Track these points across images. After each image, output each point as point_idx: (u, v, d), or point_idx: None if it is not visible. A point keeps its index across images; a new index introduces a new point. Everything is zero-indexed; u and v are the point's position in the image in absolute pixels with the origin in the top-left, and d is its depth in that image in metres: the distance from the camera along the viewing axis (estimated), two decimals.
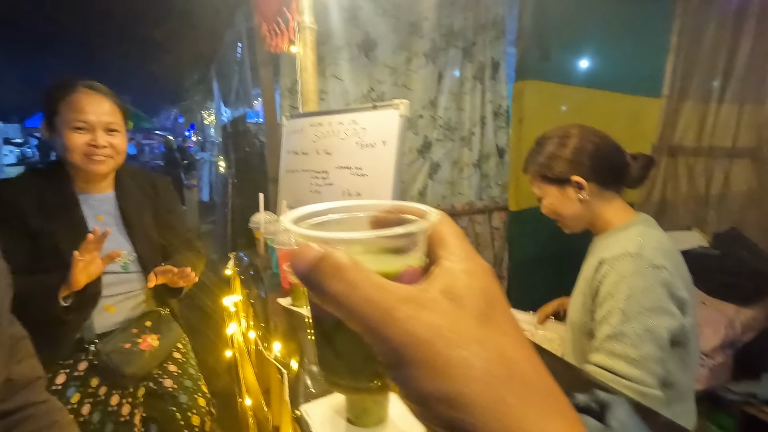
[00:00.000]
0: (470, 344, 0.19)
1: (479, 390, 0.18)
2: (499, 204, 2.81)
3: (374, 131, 1.14)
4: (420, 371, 0.18)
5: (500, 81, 2.73)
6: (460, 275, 0.21)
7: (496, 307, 0.20)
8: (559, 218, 1.12)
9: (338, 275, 0.20)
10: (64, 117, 1.13)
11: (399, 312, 0.19)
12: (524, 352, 0.20)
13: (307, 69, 1.48)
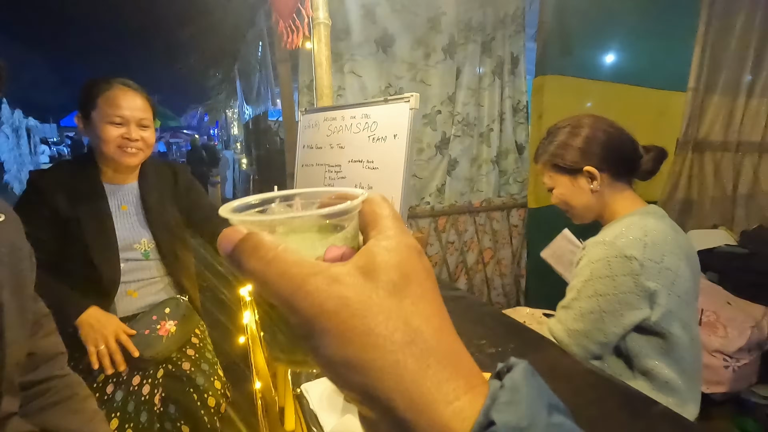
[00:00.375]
0: (374, 314, 0.20)
1: (378, 355, 0.19)
2: (517, 201, 2.77)
3: (385, 125, 1.15)
4: (328, 340, 0.20)
5: (519, 76, 2.70)
6: (380, 251, 0.22)
7: (411, 281, 0.22)
8: (569, 209, 1.12)
9: (256, 253, 0.21)
10: (102, 111, 1.20)
11: (309, 285, 0.20)
12: (431, 322, 0.21)
13: (322, 65, 1.51)
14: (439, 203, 2.61)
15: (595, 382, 0.63)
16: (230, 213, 0.24)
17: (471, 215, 2.67)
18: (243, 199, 0.27)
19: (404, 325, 0.20)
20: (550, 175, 1.12)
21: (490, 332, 0.80)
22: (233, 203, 0.26)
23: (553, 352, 0.74)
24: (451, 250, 2.65)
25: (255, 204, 0.28)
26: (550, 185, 1.13)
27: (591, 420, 0.54)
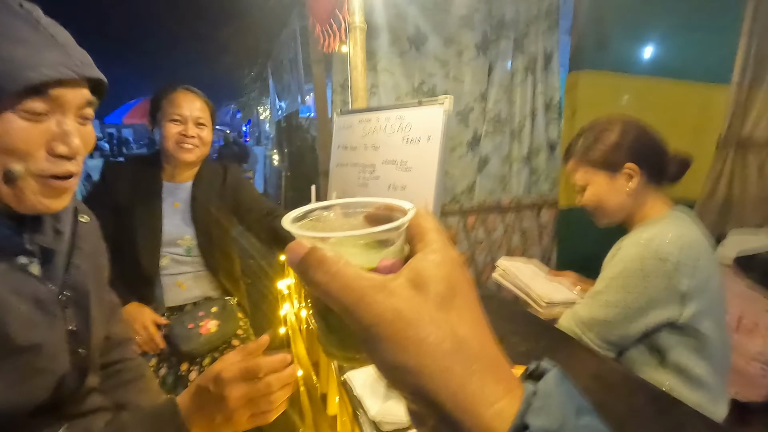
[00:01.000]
0: (426, 324, 0.23)
1: (429, 361, 0.22)
2: (548, 200, 2.74)
3: (419, 127, 1.18)
4: (385, 345, 0.23)
5: (553, 72, 2.66)
6: (428, 265, 0.25)
7: (456, 293, 0.24)
8: (599, 209, 1.11)
9: (321, 267, 0.24)
10: (165, 111, 1.33)
11: (369, 297, 0.23)
12: (474, 331, 0.24)
13: (357, 67, 1.55)
14: (469, 201, 2.61)
15: (621, 380, 0.64)
16: (292, 225, 0.27)
17: (500, 214, 2.66)
18: (300, 209, 0.30)
19: (452, 335, 0.23)
20: (586, 171, 1.11)
21: (521, 330, 0.83)
22: (292, 213, 0.29)
23: (582, 351, 0.76)
24: (480, 248, 2.66)
25: (311, 211, 0.31)
26: (584, 183, 1.12)
27: (617, 417, 0.56)
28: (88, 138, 0.64)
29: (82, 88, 0.61)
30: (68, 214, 0.70)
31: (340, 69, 2.23)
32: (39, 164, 0.57)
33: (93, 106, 0.64)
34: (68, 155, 0.59)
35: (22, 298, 0.57)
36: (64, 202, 0.62)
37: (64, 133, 0.58)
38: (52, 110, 0.58)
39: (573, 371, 0.72)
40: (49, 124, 0.58)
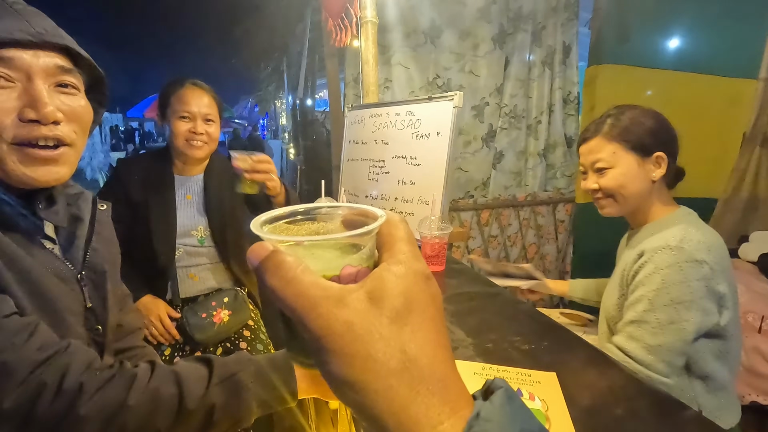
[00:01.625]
0: (375, 341, 0.22)
1: (374, 378, 0.22)
2: (564, 195, 2.70)
3: (429, 122, 1.18)
4: (333, 359, 0.22)
5: (571, 66, 2.60)
6: (389, 277, 0.24)
7: (413, 309, 0.23)
8: (619, 193, 1.03)
9: (277, 272, 0.24)
10: (174, 108, 1.34)
11: (321, 308, 0.23)
12: (425, 350, 0.23)
13: (369, 62, 1.54)
14: (483, 196, 2.59)
15: (625, 382, 0.63)
16: (259, 228, 0.27)
17: (515, 209, 2.63)
18: (272, 212, 0.29)
19: (400, 353, 0.22)
20: (615, 151, 1.02)
21: (525, 329, 0.82)
22: (262, 216, 0.29)
23: (585, 351, 0.75)
24: (494, 244, 2.63)
25: (284, 216, 0.30)
26: (610, 163, 1.02)
27: (617, 419, 0.55)
28: (76, 109, 0.63)
29: (49, 54, 0.60)
30: (87, 202, 0.74)
31: (353, 63, 2.23)
32: (10, 130, 0.57)
33: (71, 73, 0.63)
34: (38, 119, 0.58)
35: (47, 270, 0.62)
36: (52, 174, 0.61)
37: (31, 98, 0.58)
38: (17, 76, 0.58)
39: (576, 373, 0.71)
40: (17, 92, 0.58)
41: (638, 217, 1.07)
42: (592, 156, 1.06)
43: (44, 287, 0.60)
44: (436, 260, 1.15)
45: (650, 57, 2.44)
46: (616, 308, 1.03)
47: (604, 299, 1.10)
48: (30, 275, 0.58)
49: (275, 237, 0.26)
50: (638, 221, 1.07)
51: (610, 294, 1.07)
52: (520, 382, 0.67)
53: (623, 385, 0.63)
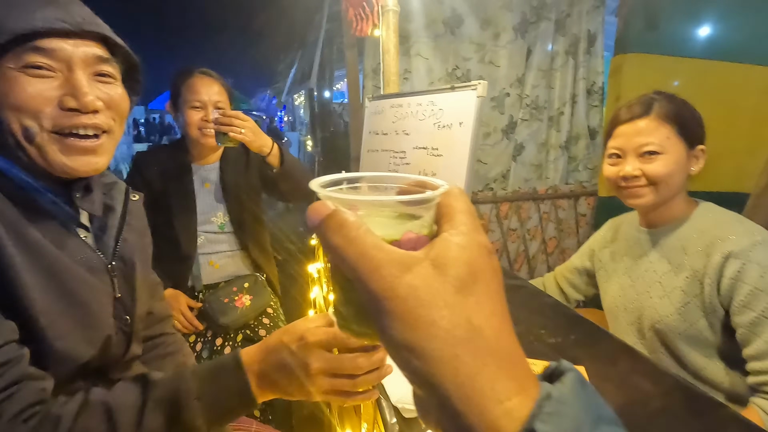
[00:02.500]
0: (440, 307, 0.21)
1: (438, 346, 0.21)
2: (587, 189, 2.64)
3: (451, 112, 1.16)
4: (394, 322, 0.22)
5: (596, 55, 2.53)
6: (452, 247, 0.23)
7: (478, 280, 0.23)
8: (663, 183, 0.95)
9: (340, 231, 0.23)
10: (185, 97, 1.36)
11: (384, 270, 0.22)
12: (492, 322, 0.22)
13: (389, 51, 1.53)
14: (503, 189, 2.55)
15: (658, 377, 0.61)
16: (319, 187, 0.27)
17: (535, 202, 2.59)
18: (332, 176, 0.29)
19: (466, 322, 0.21)
20: (669, 135, 0.94)
21: (551, 322, 0.80)
22: (323, 178, 0.28)
23: (614, 346, 0.73)
24: (513, 237, 2.60)
25: (342, 180, 0.29)
26: (662, 149, 0.94)
27: (650, 415, 0.54)
28: (114, 97, 0.64)
29: (88, 44, 0.61)
30: (120, 193, 0.75)
31: (372, 54, 2.21)
32: (50, 119, 0.58)
33: (109, 63, 0.64)
34: (78, 108, 0.59)
35: (76, 262, 0.62)
36: (91, 164, 0.63)
37: (72, 87, 0.59)
38: (58, 66, 0.59)
39: (605, 367, 0.70)
40: (58, 81, 0.59)
41: (662, 213, 1.00)
42: (640, 138, 0.95)
43: (71, 278, 0.60)
44: None
45: (680, 45, 2.35)
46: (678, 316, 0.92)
47: (649, 308, 0.99)
48: (55, 266, 0.59)
49: (337, 195, 0.25)
50: (661, 217, 1.00)
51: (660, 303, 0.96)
52: None
53: (656, 380, 0.61)
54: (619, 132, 1.00)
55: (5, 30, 0.54)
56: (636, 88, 2.27)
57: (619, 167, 0.99)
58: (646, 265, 1.02)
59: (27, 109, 0.56)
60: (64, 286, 0.59)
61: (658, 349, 0.97)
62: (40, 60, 0.57)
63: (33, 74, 0.56)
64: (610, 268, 1.14)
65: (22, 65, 0.56)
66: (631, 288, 1.04)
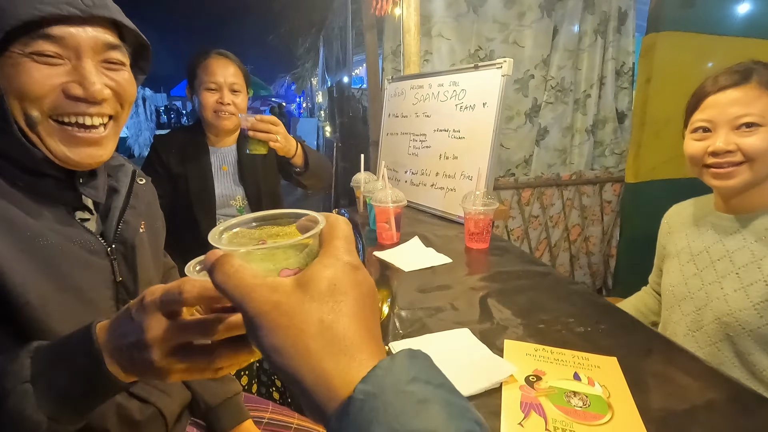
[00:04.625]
0: (297, 313, 0.27)
1: (293, 342, 0.26)
2: (613, 175, 2.55)
3: (474, 93, 1.11)
4: (263, 332, 0.27)
5: (626, 34, 2.41)
6: (318, 268, 0.29)
7: (336, 291, 0.28)
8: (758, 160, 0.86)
9: (222, 269, 0.29)
10: (200, 79, 1.35)
11: (255, 293, 0.28)
12: (344, 320, 0.27)
13: (410, 30, 1.48)
14: (525, 175, 2.49)
15: (698, 371, 0.57)
16: (215, 237, 0.33)
17: (559, 188, 2.51)
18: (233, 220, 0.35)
19: (318, 322, 0.27)
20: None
21: (579, 311, 0.77)
22: (220, 227, 0.34)
23: (648, 336, 0.69)
24: (535, 224, 2.54)
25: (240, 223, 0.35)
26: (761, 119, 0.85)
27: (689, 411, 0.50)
28: (122, 84, 0.62)
29: (97, 30, 0.59)
30: (126, 176, 0.74)
31: (392, 35, 2.16)
32: (54, 105, 0.57)
33: (118, 50, 0.62)
34: (84, 97, 0.57)
35: (75, 245, 0.61)
36: (93, 157, 0.61)
37: (80, 76, 0.57)
38: (66, 54, 0.57)
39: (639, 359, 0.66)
40: (65, 68, 0.57)
41: (752, 197, 0.89)
42: (737, 109, 0.85)
43: (66, 262, 0.59)
44: (480, 237, 1.11)
45: (716, 23, 2.22)
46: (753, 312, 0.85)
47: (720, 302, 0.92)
48: (50, 251, 0.57)
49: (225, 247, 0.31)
50: (750, 202, 0.90)
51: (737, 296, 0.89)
52: (576, 365, 0.62)
53: (697, 374, 0.58)
54: (709, 103, 0.89)
55: (12, 15, 0.52)
56: (668, 67, 2.16)
57: (707, 142, 0.88)
58: (721, 254, 0.93)
59: (30, 95, 0.55)
60: (59, 269, 0.58)
61: (714, 342, 0.91)
62: (48, 48, 0.55)
63: (40, 60, 0.55)
64: (674, 253, 1.06)
65: (30, 51, 0.54)
66: (695, 277, 0.97)
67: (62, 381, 0.44)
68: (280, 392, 1.24)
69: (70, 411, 0.45)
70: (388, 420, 0.23)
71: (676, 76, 2.16)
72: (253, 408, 0.87)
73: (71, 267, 0.59)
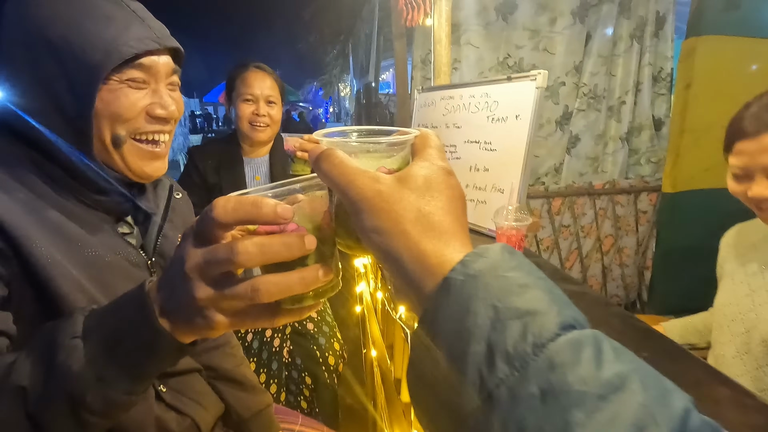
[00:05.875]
0: (396, 201, 0.30)
1: (393, 224, 0.29)
2: (649, 184, 2.46)
3: (507, 105, 1.10)
4: (365, 215, 0.30)
5: (665, 39, 2.33)
6: (414, 168, 0.32)
7: (432, 187, 0.31)
8: None
9: (328, 159, 0.32)
10: (238, 91, 1.40)
11: (358, 180, 0.31)
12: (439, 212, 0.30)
13: (441, 41, 1.47)
14: (555, 183, 2.43)
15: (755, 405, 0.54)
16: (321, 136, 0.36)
17: (591, 198, 2.44)
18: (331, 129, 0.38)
19: (416, 210, 0.30)
20: None
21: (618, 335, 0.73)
22: (324, 130, 0.37)
23: (695, 365, 0.65)
24: (565, 234, 2.48)
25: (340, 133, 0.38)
26: None
27: None
28: (179, 103, 0.69)
29: (167, 57, 0.66)
30: (164, 189, 0.77)
31: (421, 44, 2.16)
32: (138, 126, 0.64)
33: (177, 73, 0.69)
34: (165, 117, 0.65)
35: (119, 257, 0.64)
36: (159, 169, 0.68)
37: (160, 98, 0.65)
38: (149, 79, 0.64)
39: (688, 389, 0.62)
40: (147, 92, 0.64)
41: None
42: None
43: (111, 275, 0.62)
44: None
45: (763, 25, 2.11)
46: None
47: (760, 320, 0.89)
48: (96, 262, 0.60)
49: (328, 139, 0.35)
50: None
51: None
52: None
53: (747, 409, 0.54)
54: (740, 148, 0.85)
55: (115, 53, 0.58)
56: (710, 73, 2.07)
57: (745, 186, 0.85)
58: None
59: (123, 117, 0.62)
60: (105, 280, 0.61)
61: (761, 366, 0.88)
62: (138, 75, 0.62)
63: (133, 86, 0.62)
64: (729, 273, 1.03)
65: (126, 79, 0.61)
66: (746, 298, 0.94)
67: (111, 335, 0.41)
68: (307, 401, 1.25)
69: (118, 370, 0.41)
70: (489, 297, 0.25)
71: (717, 81, 2.07)
72: (282, 420, 0.89)
73: (116, 278, 0.62)
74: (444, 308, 0.26)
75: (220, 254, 0.35)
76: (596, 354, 0.22)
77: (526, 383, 0.22)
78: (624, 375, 0.21)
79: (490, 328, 0.24)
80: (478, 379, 0.23)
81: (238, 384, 0.82)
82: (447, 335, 0.25)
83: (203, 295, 0.36)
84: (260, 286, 0.34)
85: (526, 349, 0.22)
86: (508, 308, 0.24)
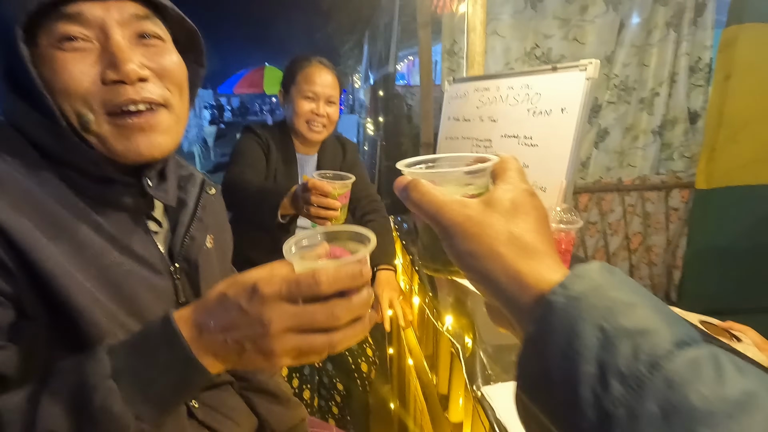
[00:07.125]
0: (487, 225, 0.31)
1: (486, 247, 0.30)
2: (682, 180, 2.36)
3: (551, 97, 1.03)
4: (457, 240, 0.32)
5: (704, 27, 2.22)
6: (498, 192, 0.33)
7: (518, 210, 0.32)
8: None
9: (416, 189, 0.34)
10: (299, 86, 1.30)
11: (448, 207, 0.32)
12: (529, 234, 0.31)
13: (476, 29, 1.41)
14: (582, 179, 2.35)
15: None
16: (403, 166, 0.38)
17: (620, 194, 2.36)
18: (411, 159, 0.40)
19: (507, 233, 0.31)
20: None
21: None
22: (406, 160, 0.40)
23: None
24: (592, 231, 2.40)
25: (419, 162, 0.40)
26: None
27: None
28: (165, 64, 0.55)
29: (122, 3, 0.52)
30: (195, 186, 0.68)
31: (448, 33, 2.09)
32: (101, 99, 0.51)
33: (151, 20, 0.55)
34: (121, 80, 0.51)
35: (138, 263, 0.56)
36: (153, 145, 0.54)
37: (110, 56, 0.50)
38: (93, 34, 0.51)
39: None
40: (96, 53, 0.51)
41: None
42: None
43: (130, 285, 0.54)
44: (561, 259, 1.02)
45: None
46: None
47: None
48: (114, 271, 0.53)
49: (412, 170, 0.37)
50: None
51: None
52: None
53: None
54: None
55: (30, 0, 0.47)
56: (752, 63, 1.96)
57: None
58: None
59: (75, 93, 0.50)
60: (124, 291, 0.53)
61: None
62: (72, 29, 0.49)
63: (69, 48, 0.49)
64: None
65: (56, 39, 0.49)
66: None
67: (147, 375, 0.43)
68: (339, 407, 1.22)
69: (156, 407, 0.43)
70: (595, 318, 0.24)
71: (760, 72, 1.96)
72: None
73: (136, 288, 0.55)
74: (549, 332, 0.26)
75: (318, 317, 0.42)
76: (717, 370, 0.22)
77: (644, 402, 0.22)
78: (751, 392, 0.21)
79: (599, 348, 0.24)
80: (592, 398, 0.23)
81: (272, 396, 0.77)
82: (555, 357, 0.25)
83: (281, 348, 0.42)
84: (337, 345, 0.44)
85: (641, 368, 0.22)
86: (616, 328, 0.24)
